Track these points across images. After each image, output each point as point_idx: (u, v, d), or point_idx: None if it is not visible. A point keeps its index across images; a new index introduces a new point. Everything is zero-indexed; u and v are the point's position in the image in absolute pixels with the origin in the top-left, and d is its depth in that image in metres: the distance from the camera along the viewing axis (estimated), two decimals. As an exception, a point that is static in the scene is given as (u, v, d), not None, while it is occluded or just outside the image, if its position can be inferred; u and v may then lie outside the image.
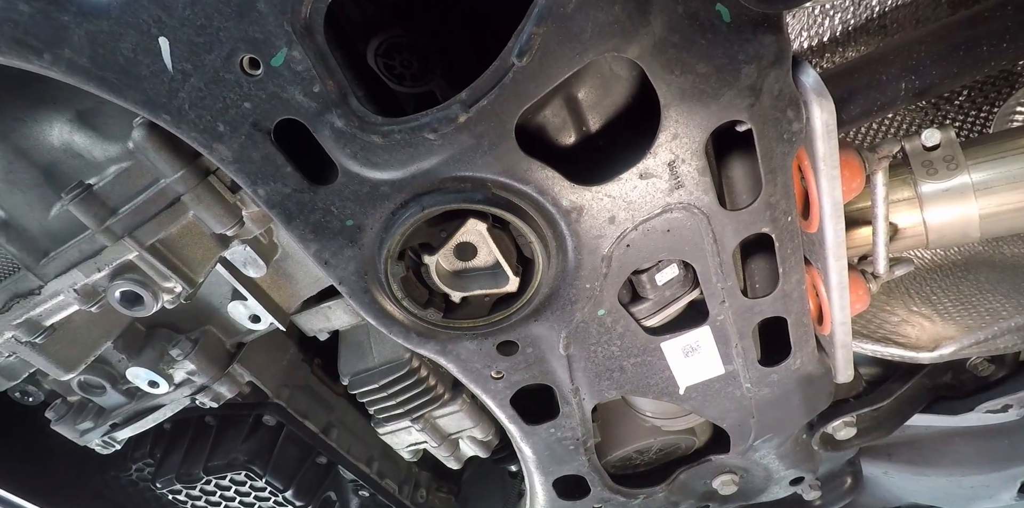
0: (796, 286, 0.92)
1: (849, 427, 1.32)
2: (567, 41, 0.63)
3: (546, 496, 1.21)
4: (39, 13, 0.61)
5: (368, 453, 1.63)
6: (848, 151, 0.83)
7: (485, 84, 0.65)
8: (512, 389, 0.98)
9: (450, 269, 0.83)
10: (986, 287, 1.13)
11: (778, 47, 0.67)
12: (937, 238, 0.96)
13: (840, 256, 0.85)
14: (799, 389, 1.09)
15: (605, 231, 0.79)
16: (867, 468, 1.68)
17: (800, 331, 0.99)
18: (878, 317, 1.14)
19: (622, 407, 1.27)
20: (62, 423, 1.25)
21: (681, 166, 0.75)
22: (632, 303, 0.94)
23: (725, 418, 1.13)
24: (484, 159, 0.70)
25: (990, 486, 1.58)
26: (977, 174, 0.91)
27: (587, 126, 0.78)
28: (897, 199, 0.93)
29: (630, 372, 0.99)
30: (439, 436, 1.40)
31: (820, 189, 0.79)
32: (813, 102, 0.72)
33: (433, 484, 1.81)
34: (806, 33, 1.08)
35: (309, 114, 0.66)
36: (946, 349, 1.04)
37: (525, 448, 1.10)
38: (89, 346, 1.06)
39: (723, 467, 1.34)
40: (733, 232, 0.83)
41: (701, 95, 0.69)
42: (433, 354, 0.90)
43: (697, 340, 0.96)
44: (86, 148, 0.87)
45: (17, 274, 0.95)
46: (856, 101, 0.84)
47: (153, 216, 0.86)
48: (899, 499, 1.81)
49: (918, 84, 0.84)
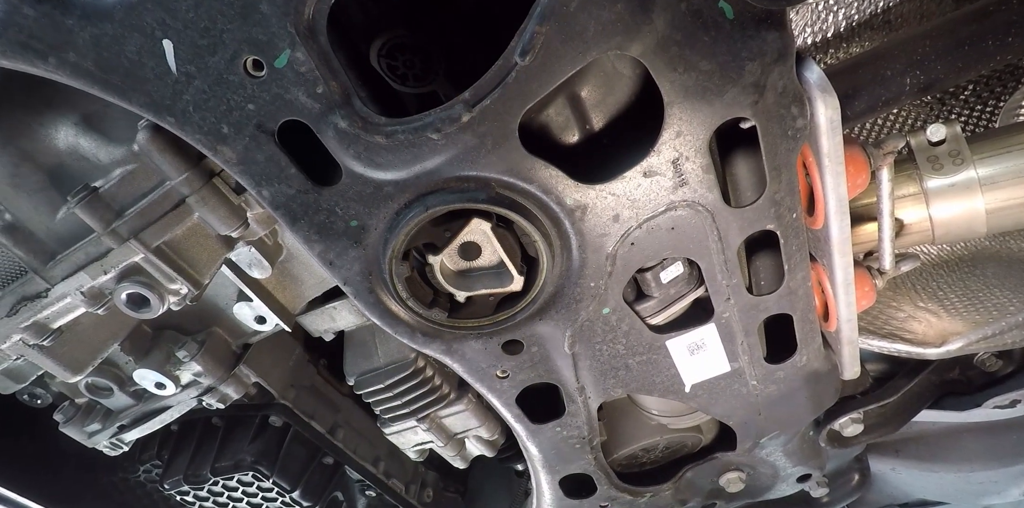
0: (801, 283, 0.92)
1: (856, 424, 1.31)
2: (570, 40, 0.63)
3: (552, 495, 1.21)
4: (44, 17, 0.61)
5: (374, 453, 1.64)
6: (853, 147, 0.83)
7: (488, 83, 0.65)
8: (518, 388, 0.98)
9: (454, 269, 0.83)
10: (993, 282, 1.13)
11: (782, 43, 0.67)
12: (943, 233, 0.96)
13: (846, 252, 0.85)
14: (805, 386, 1.08)
15: (609, 229, 0.79)
16: (875, 464, 1.68)
17: (806, 328, 0.99)
18: (884, 313, 1.14)
19: (628, 405, 1.27)
20: (70, 425, 1.25)
21: (685, 164, 0.75)
22: (637, 301, 0.94)
23: (731, 416, 1.13)
24: (488, 158, 0.70)
25: (999, 481, 1.58)
26: (983, 169, 0.91)
27: (590, 124, 0.78)
28: (903, 195, 0.93)
29: (635, 370, 0.99)
30: (445, 436, 1.40)
31: (825, 185, 0.79)
32: (817, 98, 0.72)
33: (440, 484, 1.81)
34: (810, 29, 1.08)
35: (313, 115, 0.66)
36: (953, 345, 1.04)
37: (531, 447, 1.10)
38: (96, 348, 1.07)
39: (730, 465, 1.34)
40: (738, 229, 0.82)
41: (705, 92, 0.69)
42: (438, 354, 0.90)
43: (702, 338, 0.96)
44: (91, 151, 0.87)
45: (24, 277, 0.95)
46: (861, 97, 0.84)
47: (158, 218, 0.86)
48: (907, 495, 1.81)
49: (923, 79, 0.83)
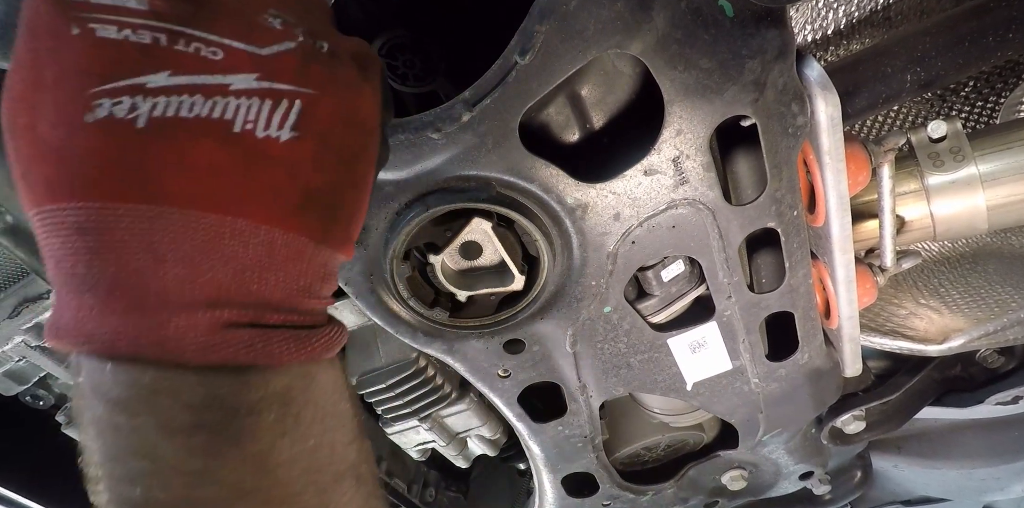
0: (803, 280, 0.92)
1: (858, 421, 1.31)
2: (570, 38, 0.62)
3: (555, 494, 1.21)
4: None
5: (376, 453, 1.64)
6: (854, 144, 0.83)
7: (488, 83, 0.65)
8: (519, 387, 0.98)
9: (456, 268, 0.83)
10: (995, 278, 1.12)
11: (782, 41, 0.67)
12: (945, 230, 0.96)
13: (847, 250, 0.85)
14: (807, 384, 1.08)
15: (610, 228, 0.79)
16: (877, 461, 1.68)
17: (807, 325, 0.98)
18: (886, 310, 1.13)
19: (630, 404, 1.27)
20: (73, 427, 1.26)
21: (686, 162, 0.75)
22: (638, 300, 0.94)
23: (733, 414, 1.13)
24: (488, 158, 0.70)
25: (1001, 478, 1.58)
26: (984, 165, 0.90)
27: (591, 123, 0.78)
28: (904, 191, 0.93)
29: (637, 369, 0.99)
30: (447, 435, 1.40)
31: (826, 183, 0.79)
32: (817, 96, 0.72)
33: (442, 483, 1.81)
34: (810, 26, 1.08)
35: (313, 115, 0.66)
36: (955, 341, 1.03)
37: (533, 446, 1.10)
38: (98, 349, 1.07)
39: (732, 463, 1.34)
40: (739, 227, 0.82)
41: (705, 91, 0.69)
42: (440, 353, 0.90)
43: (704, 336, 0.96)
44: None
45: (26, 279, 0.95)
46: (861, 94, 0.84)
47: (159, 219, 0.86)
48: (910, 492, 1.81)
49: (924, 76, 0.83)
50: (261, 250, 0.35)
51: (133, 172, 0.31)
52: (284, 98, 0.34)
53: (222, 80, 0.32)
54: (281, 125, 0.34)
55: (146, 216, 0.32)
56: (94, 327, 0.33)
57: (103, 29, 0.30)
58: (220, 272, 0.34)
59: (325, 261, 0.40)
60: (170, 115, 0.31)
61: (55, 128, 0.31)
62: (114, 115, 0.30)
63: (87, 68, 0.30)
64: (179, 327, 0.34)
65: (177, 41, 0.31)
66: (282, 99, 0.34)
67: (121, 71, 0.30)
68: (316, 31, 0.36)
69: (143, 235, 0.32)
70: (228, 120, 0.32)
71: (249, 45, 0.33)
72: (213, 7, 0.32)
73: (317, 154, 0.36)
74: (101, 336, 0.33)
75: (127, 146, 0.31)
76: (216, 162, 0.33)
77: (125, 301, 0.33)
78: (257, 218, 0.35)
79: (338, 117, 0.37)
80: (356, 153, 0.39)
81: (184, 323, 0.34)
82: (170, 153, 0.32)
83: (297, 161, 0.36)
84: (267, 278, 0.36)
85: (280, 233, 0.36)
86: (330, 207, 0.39)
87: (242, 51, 0.32)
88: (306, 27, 0.35)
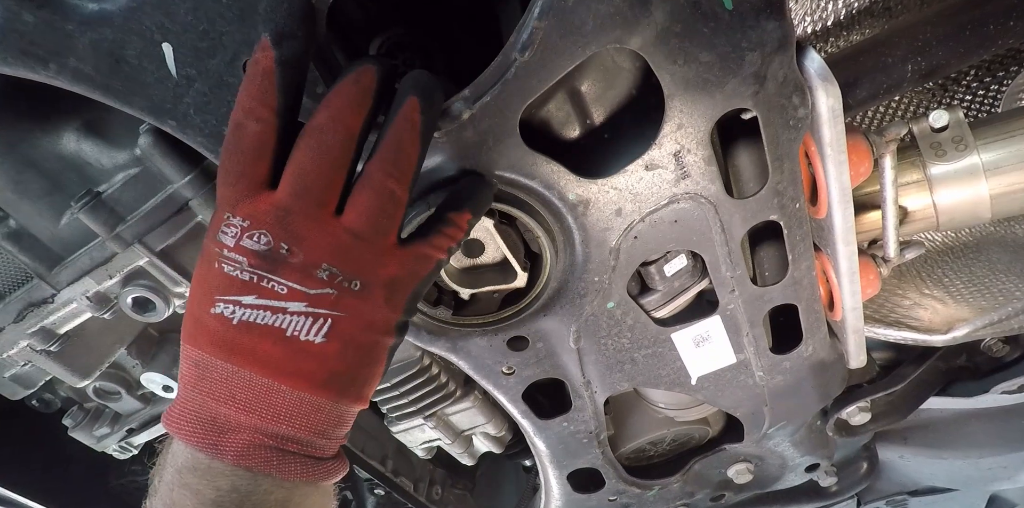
0: (806, 273, 0.91)
1: (864, 412, 1.31)
2: (569, 34, 0.62)
3: (561, 490, 1.21)
4: (43, 23, 0.61)
5: (382, 451, 1.64)
6: (855, 135, 0.83)
7: (488, 80, 0.65)
8: (524, 384, 0.98)
9: (458, 266, 0.83)
10: (999, 268, 1.12)
11: (781, 33, 0.67)
12: (948, 220, 0.95)
13: (850, 241, 0.85)
14: (812, 376, 1.08)
15: (612, 223, 0.79)
16: (883, 452, 1.68)
17: (811, 318, 0.98)
18: (890, 301, 1.13)
19: (634, 399, 1.27)
20: (80, 430, 1.26)
21: (687, 156, 0.75)
22: (641, 295, 0.94)
23: (738, 407, 1.13)
24: (489, 155, 0.70)
25: (1008, 467, 1.58)
26: (987, 154, 0.90)
27: (591, 119, 0.78)
28: (906, 182, 0.93)
29: (641, 364, 0.99)
30: (452, 433, 1.40)
31: (827, 174, 0.79)
32: (818, 87, 0.72)
33: (448, 481, 1.81)
34: (809, 18, 1.07)
35: (313, 115, 0.66)
36: (959, 331, 1.03)
37: (538, 442, 1.10)
38: (103, 353, 1.07)
39: (737, 456, 1.34)
40: (741, 220, 0.82)
41: (705, 84, 0.68)
42: (444, 352, 0.90)
43: (707, 330, 0.96)
44: (94, 156, 0.87)
45: (30, 283, 0.96)
46: (862, 85, 0.83)
47: (162, 222, 0.86)
48: (916, 483, 1.81)
49: (925, 66, 0.83)
50: (293, 403, 0.57)
51: (228, 344, 0.56)
52: (320, 318, 0.56)
53: (284, 305, 0.55)
54: (316, 334, 0.56)
55: (229, 369, 0.56)
56: (186, 425, 0.57)
57: (227, 267, 0.55)
58: (263, 413, 0.56)
59: (341, 413, 0.61)
60: (251, 320, 0.55)
61: (195, 307, 0.57)
62: (223, 313, 0.55)
63: (217, 285, 0.56)
64: (228, 440, 0.56)
65: (263, 280, 0.55)
66: (319, 318, 0.56)
67: (231, 291, 0.55)
68: (359, 271, 0.57)
69: (225, 381, 0.56)
70: (283, 328, 0.55)
71: (303, 287, 0.55)
72: (285, 264, 0.55)
73: (340, 351, 0.57)
74: (190, 432, 0.57)
75: (227, 331, 0.55)
76: (274, 351, 0.56)
77: (206, 418, 0.57)
78: (294, 386, 0.57)
79: (358, 329, 0.58)
80: (371, 348, 0.60)
81: (232, 439, 0.56)
82: (249, 341, 0.55)
83: (326, 355, 0.57)
84: (293, 421, 0.57)
85: (308, 395, 0.57)
86: (348, 380, 0.59)
87: (299, 290, 0.55)
88: (350, 273, 0.56)
